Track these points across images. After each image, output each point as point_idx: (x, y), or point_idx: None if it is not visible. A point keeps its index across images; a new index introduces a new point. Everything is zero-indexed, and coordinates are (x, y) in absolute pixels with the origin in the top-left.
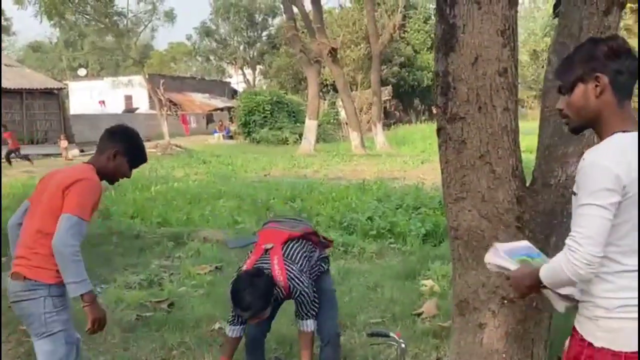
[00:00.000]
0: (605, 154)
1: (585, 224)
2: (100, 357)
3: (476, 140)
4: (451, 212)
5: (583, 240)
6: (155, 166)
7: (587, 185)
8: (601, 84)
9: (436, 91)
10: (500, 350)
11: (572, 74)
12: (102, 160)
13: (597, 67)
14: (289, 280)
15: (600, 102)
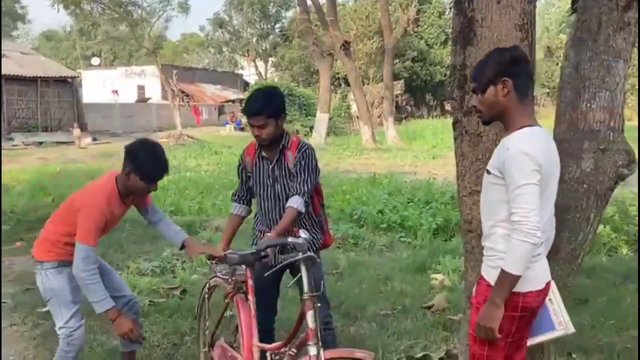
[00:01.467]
0: (527, 144)
1: (527, 200)
2: (114, 341)
3: (492, 134)
4: (465, 205)
5: (529, 213)
6: (168, 156)
7: (521, 169)
8: (507, 86)
9: (452, 84)
10: None
11: (485, 77)
12: (121, 178)
13: (504, 73)
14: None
15: (506, 100)
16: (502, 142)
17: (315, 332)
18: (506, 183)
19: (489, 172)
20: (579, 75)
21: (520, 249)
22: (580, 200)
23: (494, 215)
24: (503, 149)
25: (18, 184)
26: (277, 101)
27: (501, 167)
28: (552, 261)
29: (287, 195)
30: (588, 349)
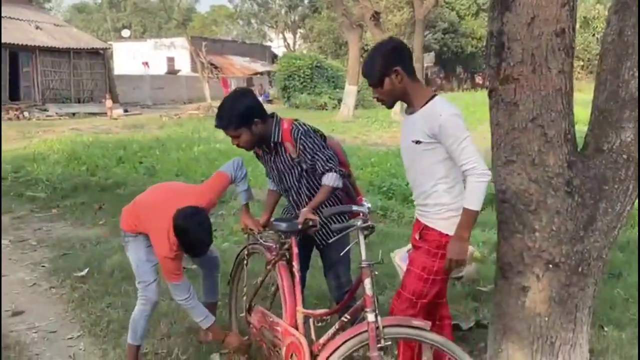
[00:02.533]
0: (452, 107)
1: (471, 149)
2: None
3: (529, 103)
4: (500, 175)
5: (478, 159)
6: (198, 127)
7: (458, 127)
8: (400, 73)
9: (489, 51)
10: (542, 314)
11: (378, 72)
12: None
13: (393, 63)
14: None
15: (403, 85)
16: (423, 113)
17: (372, 299)
18: (444, 144)
19: (419, 142)
20: (621, 42)
21: (480, 187)
22: (619, 171)
23: (433, 176)
24: (434, 116)
25: (53, 153)
26: (243, 109)
27: (435, 132)
28: (587, 232)
29: (296, 184)
30: (620, 322)
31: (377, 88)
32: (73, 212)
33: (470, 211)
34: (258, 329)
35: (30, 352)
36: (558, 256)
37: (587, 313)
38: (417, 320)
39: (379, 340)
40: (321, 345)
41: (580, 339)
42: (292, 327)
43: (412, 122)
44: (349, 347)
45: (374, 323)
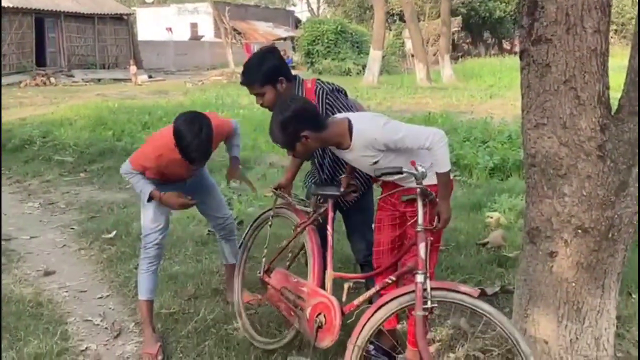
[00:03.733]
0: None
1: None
2: (175, 267)
3: (562, 64)
4: (529, 138)
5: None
6: (221, 94)
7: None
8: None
9: (521, 11)
10: (570, 280)
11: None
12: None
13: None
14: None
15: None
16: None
17: (424, 262)
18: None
19: (377, 161)
20: None
21: (445, 150)
22: None
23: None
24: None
25: (80, 118)
26: (270, 66)
27: (383, 149)
28: (618, 197)
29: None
30: None
31: (291, 151)
32: (100, 176)
33: (445, 174)
34: (278, 289)
35: (62, 309)
36: (588, 221)
37: (615, 279)
38: (464, 287)
39: (425, 302)
40: (355, 306)
41: (607, 305)
42: (320, 289)
43: (356, 156)
44: (395, 306)
45: (422, 284)
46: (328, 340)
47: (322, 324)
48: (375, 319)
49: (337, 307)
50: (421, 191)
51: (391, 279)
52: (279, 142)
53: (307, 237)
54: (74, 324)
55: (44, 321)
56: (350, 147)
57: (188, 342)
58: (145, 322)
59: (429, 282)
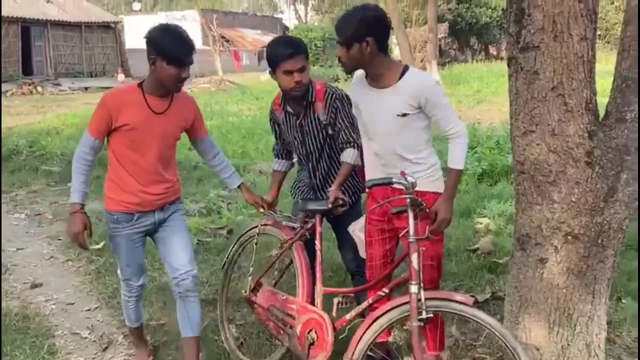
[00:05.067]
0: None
1: (455, 114)
2: (164, 277)
3: (549, 71)
4: (518, 145)
5: (460, 122)
6: (210, 101)
7: (442, 95)
8: (370, 44)
9: (508, 19)
10: (560, 286)
11: (350, 35)
12: (149, 75)
13: (368, 32)
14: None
15: (370, 57)
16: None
17: (418, 273)
18: (430, 111)
19: (406, 114)
20: None
21: (464, 148)
22: None
23: (419, 143)
24: (419, 87)
25: (67, 127)
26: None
27: (422, 103)
28: (607, 203)
29: (319, 148)
30: None
31: (343, 49)
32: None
33: (458, 171)
34: (266, 308)
35: (50, 323)
36: (577, 227)
37: (605, 285)
38: (459, 296)
39: (420, 312)
40: (347, 320)
41: (598, 310)
42: (309, 305)
43: (389, 96)
44: (390, 318)
45: (416, 295)
46: (321, 357)
47: (314, 341)
48: (371, 331)
49: (328, 322)
50: (411, 201)
51: (384, 292)
52: (344, 32)
53: (295, 253)
54: (62, 337)
55: (31, 335)
56: (392, 87)
57: (179, 355)
58: (135, 341)
59: (423, 292)
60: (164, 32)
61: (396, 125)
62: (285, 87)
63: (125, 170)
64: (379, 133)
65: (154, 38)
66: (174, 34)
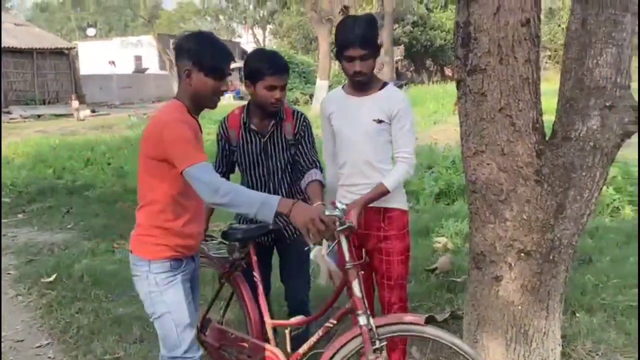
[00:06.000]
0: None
1: (412, 140)
2: (119, 309)
3: (496, 93)
4: (469, 165)
5: (413, 152)
6: None
7: (410, 117)
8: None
9: (456, 43)
10: (516, 303)
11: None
12: (181, 88)
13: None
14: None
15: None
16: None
17: (362, 301)
18: (394, 126)
19: (381, 121)
20: (585, 31)
21: (403, 175)
22: (587, 159)
23: (386, 155)
24: (396, 99)
25: (18, 157)
26: None
27: (393, 115)
28: (557, 220)
29: (282, 170)
30: (592, 307)
31: (368, 60)
32: (40, 216)
33: (385, 190)
34: (217, 347)
35: None
36: (529, 244)
37: (558, 300)
38: (409, 316)
39: (374, 342)
40: (301, 355)
41: (552, 326)
42: (260, 341)
43: (368, 102)
44: (343, 355)
45: (366, 326)
46: None
47: None
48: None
49: (282, 359)
50: (342, 230)
51: (332, 323)
52: (373, 41)
53: (235, 286)
54: None
55: None
56: (372, 95)
57: None
58: None
59: (372, 321)
60: (200, 39)
61: (370, 131)
62: (264, 102)
63: (182, 207)
64: (351, 138)
65: (188, 46)
66: (211, 41)
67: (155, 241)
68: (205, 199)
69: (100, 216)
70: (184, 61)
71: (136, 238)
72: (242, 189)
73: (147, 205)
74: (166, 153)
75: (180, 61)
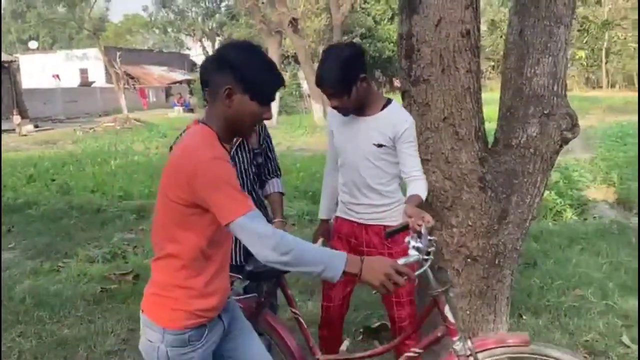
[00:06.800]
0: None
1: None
2: (64, 331)
3: (440, 103)
4: None
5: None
6: (115, 140)
7: (414, 135)
8: (366, 80)
9: (400, 54)
10: (464, 308)
11: (345, 82)
12: (214, 110)
13: (359, 71)
14: None
15: (366, 91)
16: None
17: (459, 326)
18: (400, 146)
19: (382, 145)
20: (522, 42)
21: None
22: (528, 165)
23: (389, 177)
24: (400, 121)
25: None
26: None
27: (398, 136)
28: (501, 225)
29: (251, 181)
30: (537, 309)
31: (342, 98)
32: None
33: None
34: None
35: None
36: (476, 250)
37: (505, 303)
38: (512, 337)
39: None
40: None
41: (500, 328)
42: None
43: (368, 124)
44: None
45: (465, 354)
46: None
47: None
48: None
49: None
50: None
51: (416, 352)
52: (338, 82)
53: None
54: None
55: None
56: (374, 115)
57: None
58: None
59: (472, 346)
60: (250, 54)
61: (370, 155)
62: None
63: (207, 260)
64: (351, 160)
65: (235, 60)
66: (263, 58)
67: (174, 305)
68: (260, 256)
69: (43, 234)
70: (225, 77)
71: (151, 298)
72: (304, 243)
73: (165, 259)
74: (199, 198)
75: (220, 76)
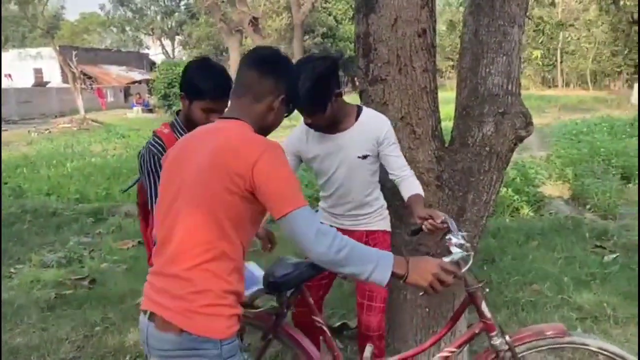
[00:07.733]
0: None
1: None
2: (16, 339)
3: (397, 102)
4: None
5: None
6: (71, 142)
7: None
8: (339, 96)
9: (358, 53)
10: (423, 305)
11: (322, 101)
12: (255, 110)
13: (333, 87)
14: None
15: (339, 106)
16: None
17: (495, 321)
18: (383, 150)
19: (367, 156)
20: (477, 41)
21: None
22: (483, 163)
23: (371, 184)
24: (378, 128)
25: None
26: None
27: (380, 142)
28: (459, 222)
29: None
30: (496, 304)
31: (316, 114)
32: None
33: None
34: None
35: None
36: (434, 247)
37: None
38: (549, 327)
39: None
40: None
41: (459, 325)
42: None
43: (348, 138)
44: None
45: (504, 348)
46: None
47: None
48: None
49: None
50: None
51: (451, 351)
52: (313, 102)
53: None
54: None
55: None
56: (349, 130)
57: None
58: None
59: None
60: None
61: (354, 168)
62: (197, 122)
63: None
64: (336, 177)
65: (292, 74)
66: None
67: (230, 312)
68: (314, 252)
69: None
70: (280, 84)
71: (198, 311)
72: (355, 242)
73: (215, 261)
74: (256, 187)
75: (274, 81)
